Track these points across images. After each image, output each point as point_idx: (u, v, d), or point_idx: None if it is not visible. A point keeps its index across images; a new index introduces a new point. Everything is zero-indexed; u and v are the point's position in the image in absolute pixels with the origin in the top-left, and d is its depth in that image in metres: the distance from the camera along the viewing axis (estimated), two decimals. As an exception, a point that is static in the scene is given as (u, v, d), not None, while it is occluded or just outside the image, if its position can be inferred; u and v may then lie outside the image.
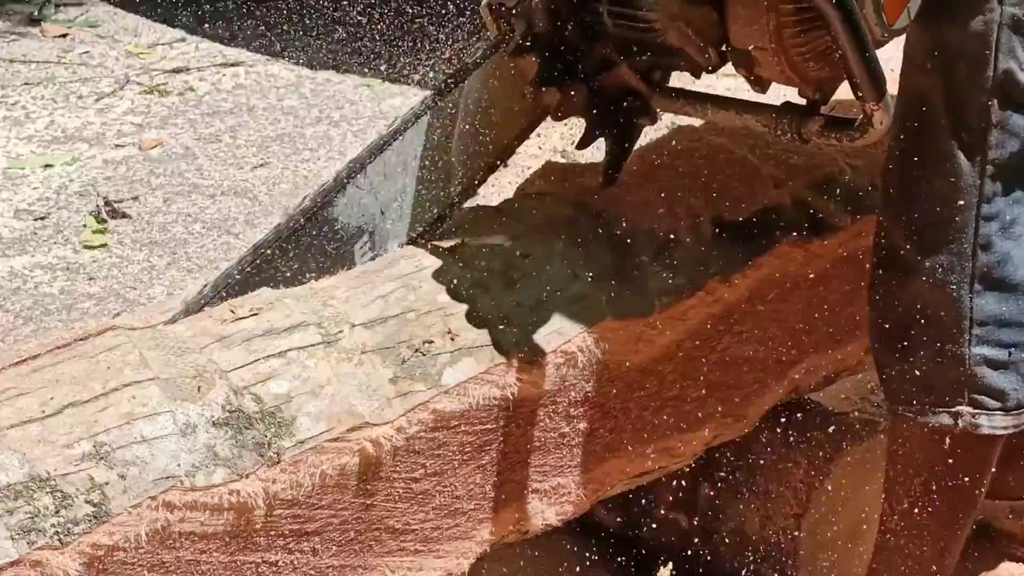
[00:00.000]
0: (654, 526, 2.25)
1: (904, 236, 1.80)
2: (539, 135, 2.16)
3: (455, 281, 1.81)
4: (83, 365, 1.60)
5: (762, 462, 2.17)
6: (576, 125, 1.99)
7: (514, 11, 1.82)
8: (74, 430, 1.52)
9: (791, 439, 2.18)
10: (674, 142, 2.12)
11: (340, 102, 4.42)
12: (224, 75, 4.68)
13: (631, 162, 2.03)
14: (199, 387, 1.60)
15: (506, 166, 2.07)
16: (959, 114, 1.74)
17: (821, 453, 2.16)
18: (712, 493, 2.18)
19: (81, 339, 1.66)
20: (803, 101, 1.76)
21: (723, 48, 1.72)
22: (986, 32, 1.70)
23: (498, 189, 2.67)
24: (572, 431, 1.87)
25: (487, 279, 1.83)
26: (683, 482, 2.19)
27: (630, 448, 1.96)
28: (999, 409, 1.82)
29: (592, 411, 1.88)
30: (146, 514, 1.51)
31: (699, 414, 2.01)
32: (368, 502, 1.70)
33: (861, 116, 1.65)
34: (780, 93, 1.79)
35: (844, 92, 1.73)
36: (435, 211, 1.93)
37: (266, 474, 1.60)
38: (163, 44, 4.98)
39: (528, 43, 1.82)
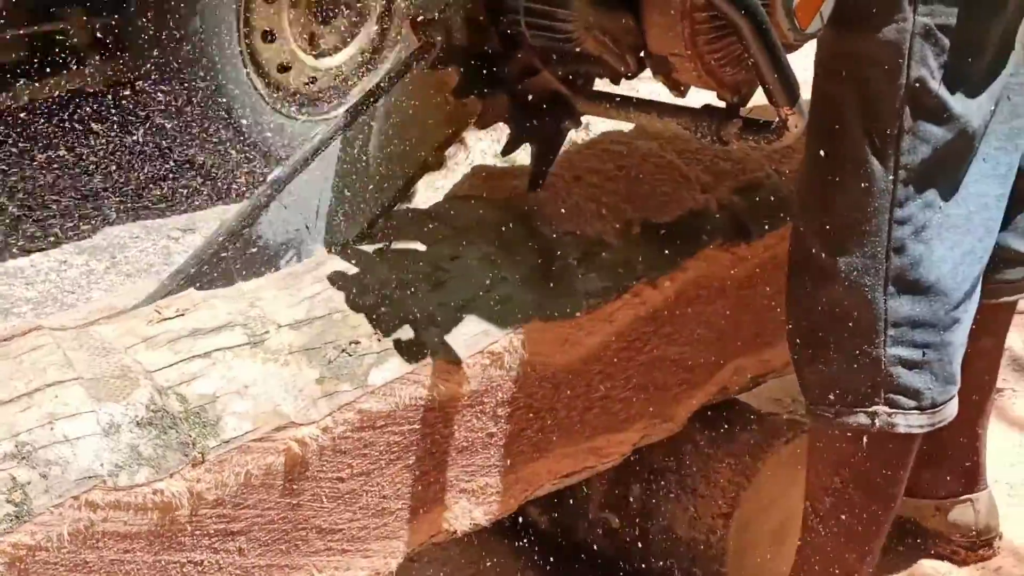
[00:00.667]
0: (585, 526, 2.27)
1: (819, 240, 1.83)
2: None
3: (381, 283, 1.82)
4: (6, 365, 1.60)
5: (691, 462, 2.19)
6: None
7: (433, 22, 1.83)
8: (-4, 430, 1.53)
9: (720, 439, 2.21)
10: (602, 146, 2.15)
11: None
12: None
13: (560, 165, 2.05)
14: (123, 387, 1.60)
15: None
16: (872, 120, 1.77)
17: (749, 453, 2.18)
18: (642, 493, 2.20)
19: (5, 339, 1.66)
20: (723, 104, 1.78)
21: (641, 55, 1.74)
22: (899, 41, 1.74)
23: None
24: (499, 431, 1.89)
25: (414, 280, 1.84)
26: (613, 482, 2.21)
27: (558, 448, 1.97)
28: (915, 408, 1.86)
29: (519, 411, 1.90)
30: (68, 514, 1.51)
31: (627, 415, 2.03)
32: (294, 502, 1.71)
33: (777, 120, 1.67)
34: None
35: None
36: (360, 222, 1.95)
37: (190, 474, 1.61)
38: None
39: (448, 54, 1.83)
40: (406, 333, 1.79)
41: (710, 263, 2.07)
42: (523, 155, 2.05)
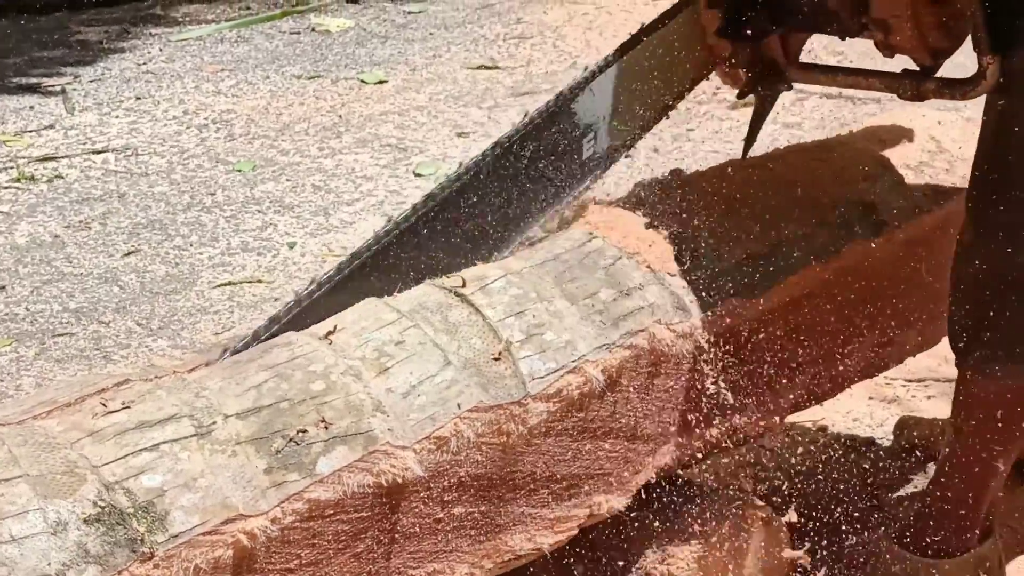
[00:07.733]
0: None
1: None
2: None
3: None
4: (-51, 464, 1.58)
5: (640, 540, 2.20)
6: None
7: None
8: (-60, 531, 1.50)
9: (671, 517, 2.21)
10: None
11: (212, 188, 4.42)
12: (94, 162, 4.65)
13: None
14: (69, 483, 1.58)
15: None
16: None
17: (698, 528, 2.19)
18: (587, 573, 2.20)
19: (-53, 437, 1.63)
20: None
21: (863, 20, 2.11)
22: None
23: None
24: (447, 516, 1.88)
25: (359, 367, 1.84)
26: (559, 562, 2.21)
27: (506, 530, 1.97)
28: None
29: (466, 495, 1.90)
30: (15, 616, 1.49)
31: (573, 494, 2.04)
32: (243, 594, 1.69)
33: (975, 72, 2.00)
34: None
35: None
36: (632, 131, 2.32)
37: (139, 570, 1.59)
38: (31, 131, 4.94)
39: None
40: (353, 421, 1.79)
41: (651, 340, 2.08)
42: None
